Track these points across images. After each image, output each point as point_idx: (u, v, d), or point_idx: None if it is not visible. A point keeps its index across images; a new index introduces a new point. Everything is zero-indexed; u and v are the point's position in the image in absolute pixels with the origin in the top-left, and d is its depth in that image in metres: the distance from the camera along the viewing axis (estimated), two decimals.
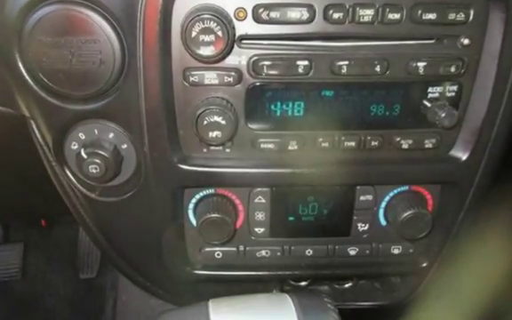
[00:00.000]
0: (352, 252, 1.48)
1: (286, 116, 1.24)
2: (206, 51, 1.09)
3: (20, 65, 1.13)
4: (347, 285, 1.74)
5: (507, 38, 1.17)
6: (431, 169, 1.34)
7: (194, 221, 1.40)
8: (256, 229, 1.43)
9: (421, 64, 1.18)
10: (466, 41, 1.18)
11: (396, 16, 1.13)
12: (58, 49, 1.10)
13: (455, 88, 1.24)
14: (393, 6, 1.13)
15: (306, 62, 1.17)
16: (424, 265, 1.52)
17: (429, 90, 1.24)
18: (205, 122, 1.17)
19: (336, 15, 1.12)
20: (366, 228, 1.45)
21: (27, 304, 2.61)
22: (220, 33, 1.07)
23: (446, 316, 1.71)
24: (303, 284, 1.71)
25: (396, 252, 1.49)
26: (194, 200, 1.38)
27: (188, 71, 1.17)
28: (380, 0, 1.12)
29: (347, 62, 1.17)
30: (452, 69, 1.20)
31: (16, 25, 1.09)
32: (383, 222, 1.44)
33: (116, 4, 1.09)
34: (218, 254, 1.46)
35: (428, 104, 1.23)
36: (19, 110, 1.24)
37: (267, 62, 1.16)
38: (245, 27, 1.13)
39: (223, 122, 1.18)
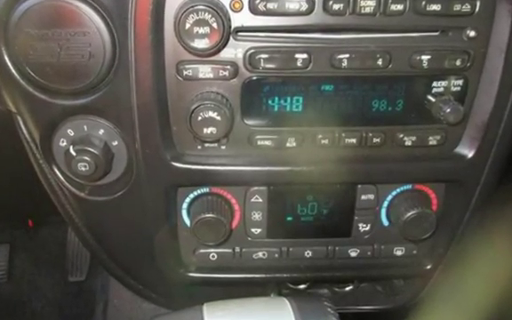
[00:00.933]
0: (353, 254, 1.48)
1: (284, 112, 1.25)
2: (201, 43, 1.09)
3: (6, 58, 1.13)
4: (347, 288, 1.75)
5: None
6: (435, 167, 1.34)
7: (188, 221, 1.40)
8: (253, 230, 1.43)
9: (425, 57, 1.18)
10: (472, 33, 1.18)
11: (399, 7, 1.13)
12: (45, 41, 1.10)
13: (461, 82, 1.24)
14: None
15: (305, 55, 1.17)
16: (428, 267, 1.52)
17: (434, 84, 1.24)
18: (200, 117, 1.17)
19: (336, 6, 1.12)
20: (368, 228, 1.45)
21: (13, 308, 2.61)
22: (214, 25, 1.07)
23: None
24: (302, 287, 1.71)
25: (398, 253, 1.49)
26: (188, 199, 1.39)
27: (182, 65, 1.17)
28: None
29: (347, 55, 1.17)
30: (458, 63, 1.20)
31: (1, 16, 1.08)
32: (385, 222, 1.45)
33: None
34: (213, 256, 1.46)
35: (433, 99, 1.23)
36: (4, 105, 1.24)
37: (264, 55, 1.17)
38: (241, 18, 1.14)
39: (218, 118, 1.18)
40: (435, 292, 1.62)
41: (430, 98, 1.24)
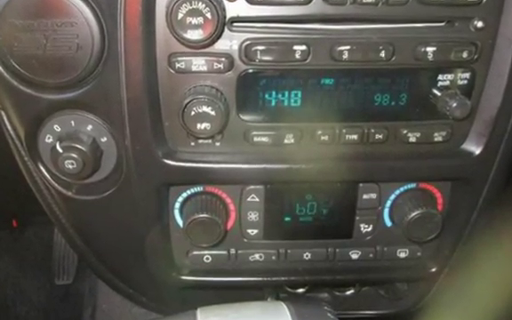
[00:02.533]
0: (354, 256, 1.48)
1: (282, 107, 1.25)
2: (194, 34, 1.09)
3: None
4: (348, 292, 1.75)
5: None
6: (441, 164, 1.34)
7: (180, 222, 1.40)
8: (249, 231, 1.43)
9: (430, 49, 1.18)
10: (479, 24, 1.18)
11: None
12: (31, 32, 1.09)
13: (467, 75, 1.24)
14: None
15: (303, 47, 1.17)
16: (433, 270, 1.52)
17: (439, 77, 1.24)
18: (193, 112, 1.17)
19: None
20: (370, 229, 1.45)
21: None
22: (208, 15, 1.07)
23: None
24: (300, 290, 1.72)
25: (402, 255, 1.49)
26: (180, 199, 1.39)
27: (174, 57, 1.17)
28: None
29: (348, 47, 1.17)
30: (465, 55, 1.20)
31: None
32: (388, 223, 1.45)
33: None
34: (207, 258, 1.47)
35: (438, 93, 1.23)
36: None
37: (260, 47, 1.16)
38: (237, 8, 1.13)
39: (212, 113, 1.17)
40: (440, 297, 1.62)
41: (436, 92, 1.24)
